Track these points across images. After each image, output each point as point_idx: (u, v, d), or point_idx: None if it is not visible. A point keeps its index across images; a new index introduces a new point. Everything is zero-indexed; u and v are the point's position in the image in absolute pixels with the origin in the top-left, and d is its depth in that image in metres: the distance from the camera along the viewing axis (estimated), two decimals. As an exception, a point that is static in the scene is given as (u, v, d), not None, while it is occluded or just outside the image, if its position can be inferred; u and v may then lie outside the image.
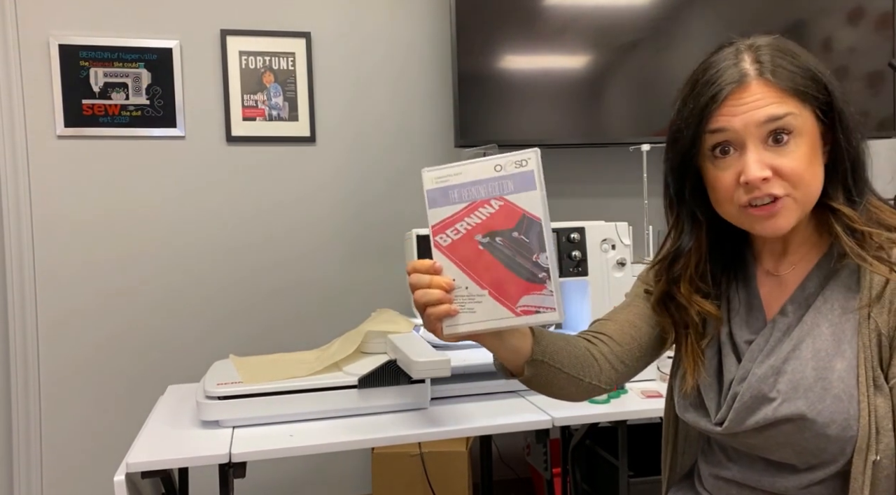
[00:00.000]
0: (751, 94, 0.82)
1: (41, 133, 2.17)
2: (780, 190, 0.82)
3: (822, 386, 0.81)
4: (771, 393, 0.84)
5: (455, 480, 2.14)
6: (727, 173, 0.84)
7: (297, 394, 1.37)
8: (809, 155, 0.83)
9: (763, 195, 0.82)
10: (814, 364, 0.83)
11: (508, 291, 0.82)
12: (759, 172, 0.81)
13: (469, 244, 0.84)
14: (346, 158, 2.38)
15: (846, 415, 0.80)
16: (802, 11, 2.37)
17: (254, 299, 2.33)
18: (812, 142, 0.84)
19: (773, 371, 0.85)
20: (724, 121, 0.83)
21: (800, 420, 0.81)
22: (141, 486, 1.26)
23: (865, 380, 0.80)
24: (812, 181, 0.84)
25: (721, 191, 0.86)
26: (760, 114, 0.81)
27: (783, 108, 0.82)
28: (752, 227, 0.86)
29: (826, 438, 0.81)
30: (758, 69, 0.83)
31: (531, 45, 2.27)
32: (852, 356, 0.82)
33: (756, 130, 0.82)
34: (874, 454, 0.78)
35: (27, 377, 2.17)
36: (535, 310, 0.82)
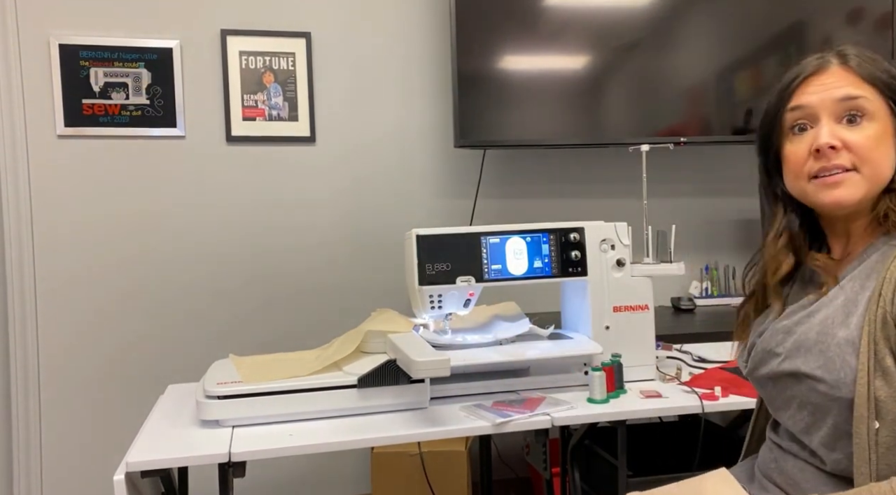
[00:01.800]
0: (830, 76, 0.91)
1: (41, 132, 2.17)
2: (848, 162, 0.88)
3: (819, 348, 0.88)
4: (777, 349, 0.94)
5: (454, 480, 2.14)
6: (801, 146, 0.91)
7: (297, 394, 1.37)
8: (880, 138, 0.89)
9: (832, 165, 0.88)
10: (819, 329, 0.90)
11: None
12: (830, 139, 0.88)
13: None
14: (345, 158, 2.39)
15: (836, 377, 0.85)
16: (802, 11, 2.37)
17: (253, 298, 2.33)
18: (884, 129, 0.90)
19: (784, 330, 0.95)
20: (803, 99, 0.91)
21: (798, 374, 0.90)
22: (141, 485, 1.26)
23: (867, 351, 0.84)
24: (881, 161, 0.89)
25: (793, 164, 0.93)
26: (837, 92, 0.89)
27: (859, 91, 0.89)
28: (817, 199, 0.91)
29: (817, 393, 0.88)
30: (840, 60, 0.92)
31: (531, 45, 2.27)
32: (856, 328, 0.86)
33: (832, 106, 0.89)
34: (875, 421, 0.83)
35: (27, 376, 2.17)
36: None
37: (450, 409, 1.43)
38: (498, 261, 1.55)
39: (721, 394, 1.44)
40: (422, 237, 1.52)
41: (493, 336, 1.62)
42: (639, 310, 1.60)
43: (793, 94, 0.92)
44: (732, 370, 1.60)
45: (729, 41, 2.33)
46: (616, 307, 1.59)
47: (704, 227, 2.65)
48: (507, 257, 1.55)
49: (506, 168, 2.50)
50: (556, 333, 1.67)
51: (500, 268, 1.55)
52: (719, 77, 2.33)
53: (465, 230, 1.56)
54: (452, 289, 1.53)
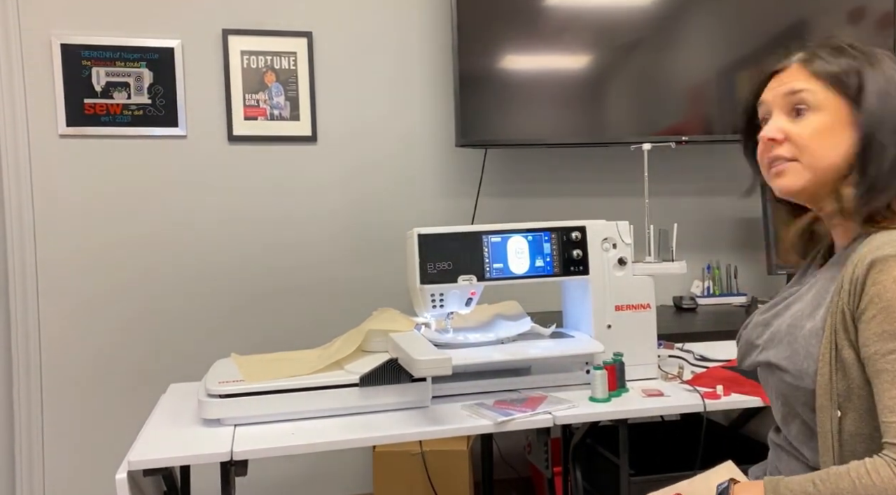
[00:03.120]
0: (786, 75, 0.99)
1: (43, 132, 2.18)
2: (787, 153, 0.95)
3: (788, 340, 0.94)
4: (757, 341, 1.01)
5: (456, 478, 2.14)
6: (761, 136, 0.99)
7: (299, 393, 1.37)
8: (822, 129, 0.93)
9: (773, 155, 0.96)
10: (790, 322, 0.96)
11: None
12: (771, 133, 0.96)
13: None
14: (347, 157, 2.39)
15: (800, 368, 0.91)
16: (803, 11, 2.37)
17: (255, 298, 2.33)
18: (830, 121, 0.93)
19: (763, 323, 1.02)
20: (764, 94, 1.01)
21: (771, 366, 0.96)
22: (143, 484, 1.27)
23: (829, 343, 0.88)
24: (819, 151, 0.93)
25: (758, 153, 1.00)
26: (784, 88, 0.97)
27: (804, 85, 0.95)
28: (770, 185, 0.99)
29: (787, 385, 0.93)
30: (800, 58, 0.99)
31: (532, 44, 2.27)
32: (821, 320, 0.91)
33: (781, 100, 0.97)
34: (836, 411, 0.87)
35: (29, 376, 2.17)
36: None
37: (451, 408, 1.43)
38: (499, 260, 1.55)
39: (723, 393, 1.44)
40: (423, 236, 1.52)
41: (494, 335, 1.62)
42: (640, 309, 1.60)
43: (760, 91, 1.01)
44: (734, 369, 1.60)
45: (730, 40, 2.33)
46: (618, 306, 1.59)
47: (706, 226, 2.65)
48: (509, 256, 1.55)
49: (507, 167, 2.50)
50: (557, 332, 1.67)
51: (501, 267, 1.55)
52: (721, 76, 2.33)
53: (466, 229, 1.56)
54: (454, 288, 1.53)
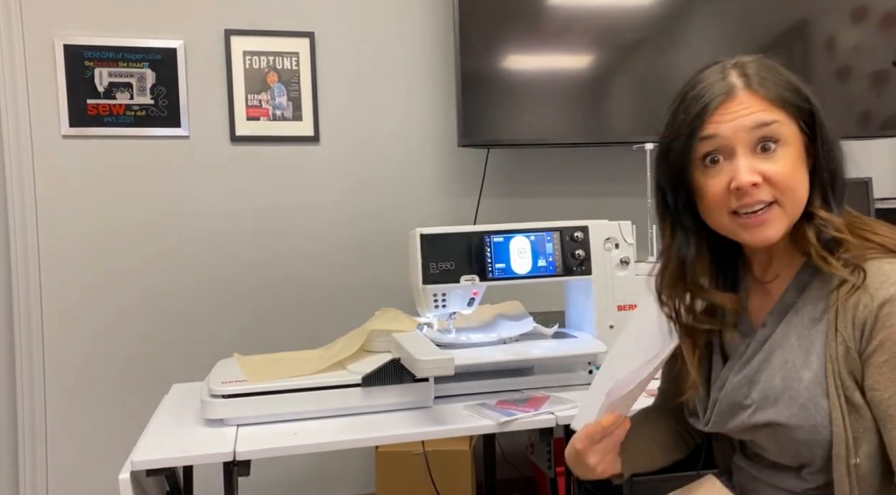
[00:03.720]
0: (738, 104, 0.86)
1: (46, 133, 2.18)
2: (769, 196, 0.84)
3: (789, 395, 0.86)
4: (745, 401, 0.90)
5: (458, 479, 2.14)
6: (717, 181, 0.87)
7: (301, 393, 1.38)
8: (795, 163, 0.86)
9: (753, 201, 0.84)
10: (782, 374, 0.87)
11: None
12: (750, 177, 0.83)
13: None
14: (349, 158, 2.39)
15: (813, 422, 0.83)
16: (806, 10, 2.36)
17: (257, 298, 2.33)
18: (797, 152, 0.87)
19: (746, 381, 0.91)
20: (714, 128, 0.86)
21: (773, 425, 0.87)
22: (146, 484, 1.27)
23: (836, 390, 0.83)
24: (798, 188, 0.86)
25: (712, 200, 0.88)
26: (748, 120, 0.84)
27: (771, 116, 0.85)
28: (741, 237, 0.88)
29: (798, 442, 0.85)
30: (745, 82, 0.87)
31: (534, 44, 2.27)
32: (819, 367, 0.85)
33: (745, 136, 0.85)
34: (854, 457, 0.81)
35: (32, 377, 2.18)
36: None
37: (454, 408, 1.43)
38: (502, 260, 1.55)
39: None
40: (425, 236, 1.52)
41: (497, 335, 1.62)
42: (643, 308, 1.60)
43: (703, 125, 0.86)
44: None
45: (732, 40, 2.32)
46: (620, 306, 1.59)
47: (708, 226, 2.64)
48: (511, 256, 1.55)
49: (509, 167, 2.50)
50: (560, 332, 1.67)
51: (504, 267, 1.55)
52: (723, 75, 2.32)
53: (468, 229, 1.56)
54: (456, 288, 1.53)
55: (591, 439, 0.95)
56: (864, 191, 2.19)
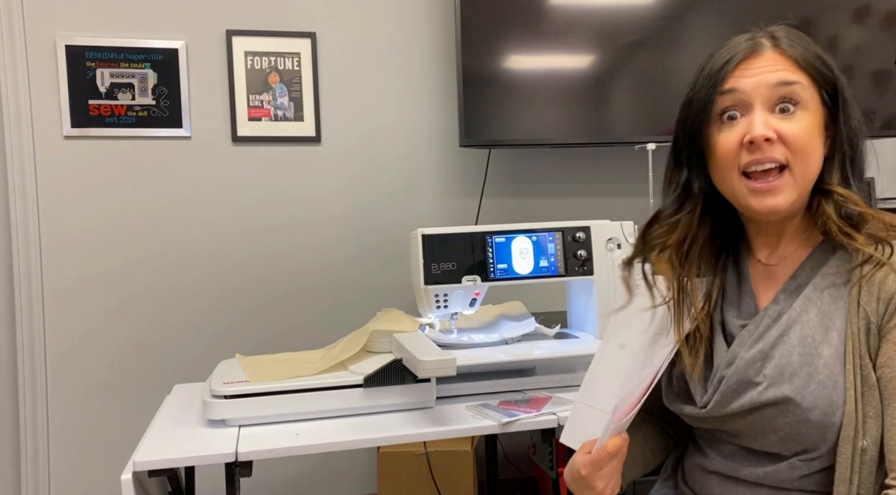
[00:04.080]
0: (764, 60, 0.86)
1: (48, 133, 2.18)
2: (782, 156, 0.83)
3: (807, 371, 0.82)
4: (757, 378, 0.85)
5: (460, 479, 2.14)
6: (732, 134, 0.86)
7: (303, 393, 1.37)
8: (812, 130, 0.84)
9: (765, 158, 0.83)
10: (801, 350, 0.83)
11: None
12: (765, 131, 0.82)
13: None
14: (351, 158, 2.39)
15: (829, 401, 0.80)
16: (808, 9, 2.36)
17: (259, 298, 2.33)
18: (816, 121, 0.85)
19: (760, 356, 0.86)
20: (735, 81, 0.85)
21: (784, 403, 0.82)
22: (148, 485, 1.27)
23: (853, 368, 0.80)
24: (812, 155, 0.85)
25: (723, 155, 0.86)
26: (772, 77, 0.84)
27: (794, 76, 0.84)
28: (748, 203, 0.86)
29: (808, 423, 0.81)
30: (773, 42, 0.88)
31: (536, 44, 2.26)
32: (839, 343, 0.82)
33: (766, 92, 0.84)
34: (861, 440, 0.79)
35: (34, 377, 2.18)
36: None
37: (455, 409, 1.43)
38: (504, 261, 1.55)
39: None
40: (427, 236, 1.52)
41: (498, 335, 1.62)
42: (645, 309, 1.59)
43: (725, 78, 0.86)
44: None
45: (735, 39, 2.32)
46: (622, 306, 1.59)
47: (710, 226, 2.64)
48: (513, 256, 1.55)
49: (511, 167, 2.50)
50: (562, 332, 1.67)
51: (505, 268, 1.55)
52: (725, 75, 2.32)
53: (470, 229, 1.56)
54: (458, 288, 1.53)
55: (598, 465, 0.89)
56: (867, 191, 2.18)
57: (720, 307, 0.95)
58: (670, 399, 0.99)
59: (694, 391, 0.93)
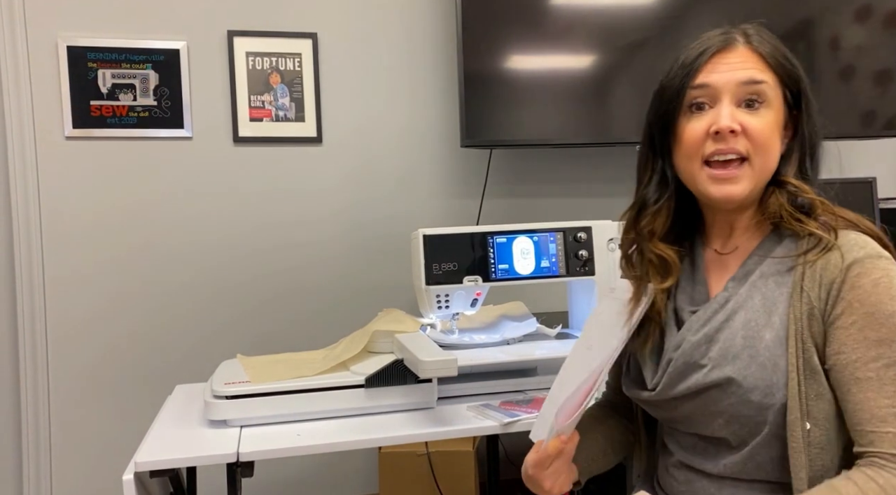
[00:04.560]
0: (736, 56, 0.90)
1: (50, 134, 2.18)
2: (744, 148, 0.87)
3: (749, 353, 0.85)
4: (702, 360, 0.89)
5: (462, 480, 2.14)
6: (699, 124, 0.90)
7: (305, 394, 1.38)
8: (774, 127, 0.89)
9: (728, 148, 0.87)
10: (744, 333, 0.87)
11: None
12: (731, 123, 0.86)
13: None
14: (352, 158, 2.39)
15: (769, 383, 0.83)
16: (810, 10, 2.36)
17: (261, 299, 2.33)
18: (778, 119, 0.90)
19: (706, 339, 0.90)
20: (707, 76, 0.89)
21: (727, 384, 0.86)
22: (149, 485, 1.27)
23: (795, 351, 0.83)
24: (771, 150, 0.89)
25: (689, 143, 0.90)
26: (742, 74, 0.88)
27: (763, 76, 0.89)
28: (708, 191, 0.90)
29: (749, 404, 0.84)
30: (745, 38, 0.92)
31: (537, 44, 2.27)
32: (781, 327, 0.85)
33: (735, 89, 0.88)
34: (806, 423, 0.81)
35: (36, 377, 2.18)
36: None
37: (457, 409, 1.43)
38: (505, 261, 1.55)
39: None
40: (429, 237, 1.52)
41: (500, 335, 1.62)
42: (646, 309, 1.59)
43: (698, 71, 0.90)
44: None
45: (736, 39, 2.31)
46: (623, 306, 1.59)
47: (712, 226, 2.64)
48: (515, 257, 1.55)
49: (512, 167, 2.50)
50: (563, 333, 1.67)
51: (507, 268, 1.55)
52: (726, 75, 2.32)
53: (471, 230, 1.56)
54: (459, 288, 1.53)
55: (542, 465, 0.94)
56: (868, 191, 2.18)
57: (674, 295, 0.99)
58: (627, 385, 1.02)
59: (645, 374, 0.97)
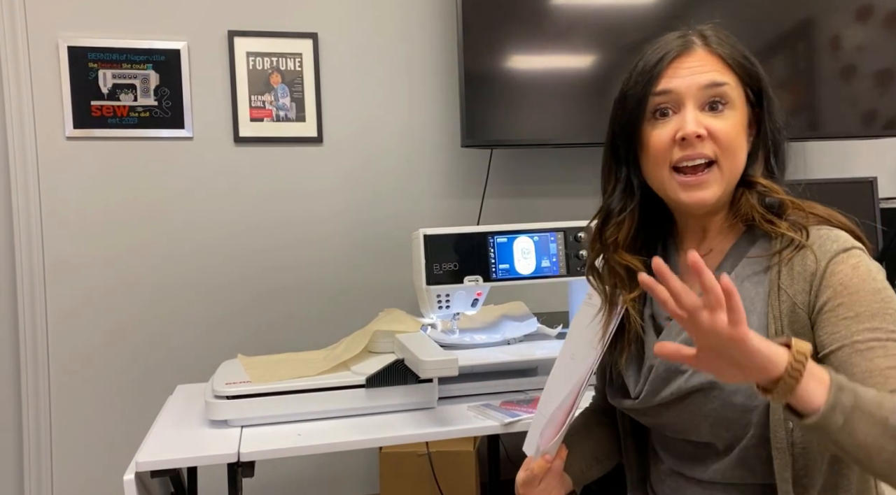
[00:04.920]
0: (696, 60, 0.89)
1: (50, 134, 2.18)
2: (711, 152, 0.87)
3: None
4: (683, 366, 0.88)
5: (463, 480, 2.14)
6: (664, 131, 0.89)
7: (306, 394, 1.38)
8: (739, 128, 0.89)
9: (695, 154, 0.87)
10: None
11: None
12: (696, 128, 0.86)
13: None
14: (353, 158, 2.39)
15: (750, 384, 0.81)
16: (810, 9, 2.35)
17: (262, 299, 2.33)
18: (742, 119, 0.90)
19: (686, 344, 0.87)
20: (668, 81, 0.89)
21: (709, 388, 0.85)
22: (150, 485, 1.27)
23: None
24: (738, 151, 0.89)
25: (655, 150, 0.90)
26: (703, 78, 0.88)
27: (724, 78, 0.88)
28: (678, 197, 0.89)
29: (733, 407, 0.84)
30: (703, 41, 0.92)
31: (538, 44, 2.27)
32: (760, 327, 0.85)
33: (697, 93, 0.87)
34: (790, 422, 0.81)
35: (37, 379, 2.18)
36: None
37: (458, 409, 1.43)
38: (506, 261, 1.55)
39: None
40: (429, 237, 1.52)
41: (500, 335, 1.62)
42: (647, 309, 1.59)
43: (659, 77, 0.89)
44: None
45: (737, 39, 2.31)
46: (624, 306, 1.59)
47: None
48: (515, 256, 1.55)
49: (513, 167, 2.50)
50: (564, 333, 1.67)
51: (507, 268, 1.55)
52: (727, 75, 2.32)
53: (472, 230, 1.56)
54: (460, 288, 1.53)
55: (531, 485, 0.96)
56: (869, 190, 2.18)
57: (650, 302, 0.98)
58: (611, 394, 1.01)
59: (628, 383, 0.96)
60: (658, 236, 1.01)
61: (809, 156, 2.66)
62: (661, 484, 0.99)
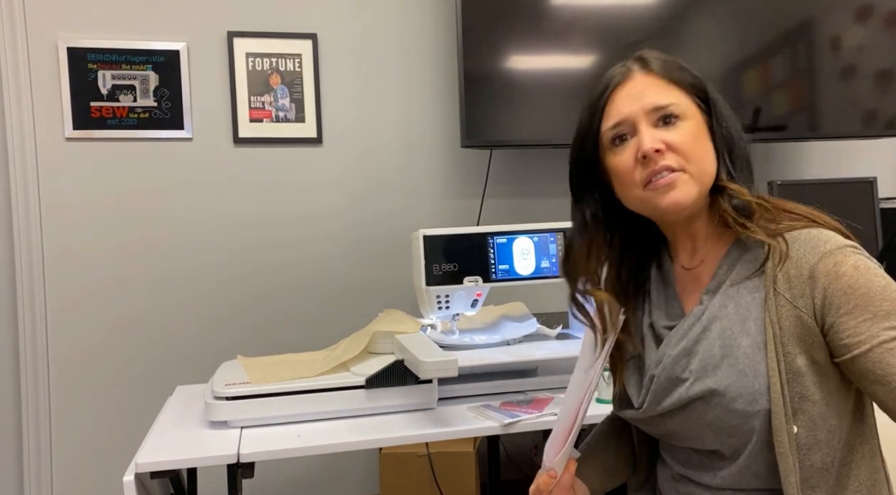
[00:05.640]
0: (637, 83, 0.93)
1: (50, 135, 2.18)
2: (675, 163, 0.88)
3: (728, 362, 0.86)
4: (683, 374, 0.89)
5: (463, 480, 2.14)
6: (625, 154, 0.91)
7: (305, 395, 1.38)
8: (697, 134, 0.91)
9: (659, 168, 0.88)
10: (721, 342, 0.87)
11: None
12: (653, 143, 0.88)
13: None
14: (352, 159, 2.39)
15: (751, 390, 0.84)
16: (810, 9, 2.35)
17: (261, 300, 2.33)
18: (699, 126, 0.91)
19: (685, 352, 0.90)
20: (617, 114, 0.92)
21: (710, 396, 0.86)
22: (150, 486, 1.27)
23: (775, 356, 0.83)
24: (703, 157, 0.90)
25: (623, 174, 0.92)
26: (647, 101, 0.91)
27: (667, 98, 0.91)
28: (657, 206, 0.90)
29: (735, 413, 0.85)
30: (641, 64, 0.95)
31: (537, 44, 2.26)
32: (758, 333, 0.85)
33: (646, 115, 0.90)
34: (793, 425, 0.82)
35: (36, 379, 2.18)
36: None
37: (458, 410, 1.43)
38: (505, 261, 1.55)
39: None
40: (429, 237, 1.52)
41: (500, 336, 1.62)
42: (647, 309, 1.59)
43: (605, 109, 0.93)
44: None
45: (736, 39, 2.32)
46: (624, 307, 1.59)
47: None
48: (515, 257, 1.55)
49: (513, 168, 2.50)
50: (563, 333, 1.67)
51: (507, 268, 1.55)
52: (727, 75, 2.32)
53: (472, 230, 1.56)
54: (460, 289, 1.53)
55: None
56: (869, 190, 2.18)
57: (648, 313, 1.00)
58: (617, 405, 1.03)
59: (630, 393, 0.98)
60: (652, 251, 1.03)
61: (809, 157, 2.66)
62: (669, 489, 0.99)
